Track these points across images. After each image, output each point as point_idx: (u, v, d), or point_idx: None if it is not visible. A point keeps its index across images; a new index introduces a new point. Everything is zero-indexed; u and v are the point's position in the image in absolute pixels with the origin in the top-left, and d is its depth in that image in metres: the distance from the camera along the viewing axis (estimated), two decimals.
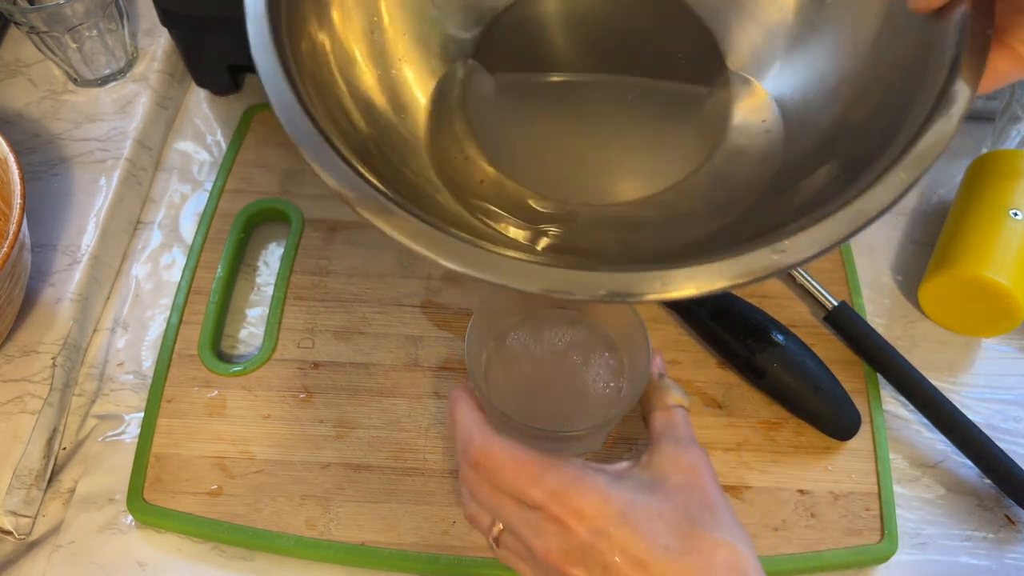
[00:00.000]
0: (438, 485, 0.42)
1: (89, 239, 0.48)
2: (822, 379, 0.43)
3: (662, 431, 0.34)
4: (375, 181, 0.28)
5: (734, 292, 0.34)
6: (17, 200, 0.40)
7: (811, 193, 0.31)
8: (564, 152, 0.37)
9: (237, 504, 0.41)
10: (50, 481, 0.42)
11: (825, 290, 0.47)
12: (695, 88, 0.38)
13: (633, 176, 0.36)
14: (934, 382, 0.44)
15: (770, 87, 0.37)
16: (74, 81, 0.55)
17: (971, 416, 0.43)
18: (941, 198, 0.54)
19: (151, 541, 0.41)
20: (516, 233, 0.34)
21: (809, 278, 0.47)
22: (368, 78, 0.36)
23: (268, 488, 0.41)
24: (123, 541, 0.41)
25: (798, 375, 0.43)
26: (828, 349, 0.46)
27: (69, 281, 0.46)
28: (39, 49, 0.53)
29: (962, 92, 0.27)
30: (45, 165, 0.51)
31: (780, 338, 0.44)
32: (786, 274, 0.49)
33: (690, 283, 0.25)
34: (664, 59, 0.38)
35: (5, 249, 0.38)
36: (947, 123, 0.27)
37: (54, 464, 0.43)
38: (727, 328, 0.45)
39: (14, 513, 0.40)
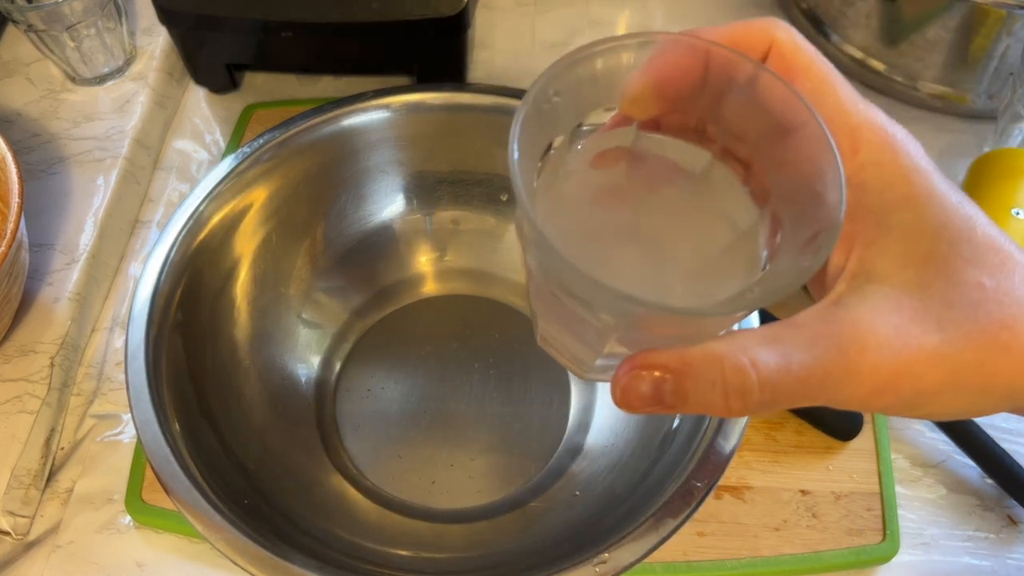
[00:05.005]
0: None
1: (87, 238, 0.47)
2: None
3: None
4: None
5: None
6: (15, 199, 0.40)
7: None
8: (425, 461, 0.42)
9: None
10: (48, 481, 0.42)
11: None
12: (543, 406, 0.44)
13: (483, 481, 0.42)
14: None
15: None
16: (72, 80, 0.55)
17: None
18: None
19: (150, 541, 0.40)
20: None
21: None
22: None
23: None
24: (122, 541, 0.40)
25: None
26: None
27: (67, 280, 0.46)
28: (37, 48, 0.53)
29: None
30: (43, 164, 0.51)
31: None
32: None
33: None
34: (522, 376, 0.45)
35: (3, 248, 0.38)
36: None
37: (52, 464, 0.43)
38: None
39: (12, 513, 0.40)
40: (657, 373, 0.20)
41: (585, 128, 0.23)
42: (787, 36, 0.21)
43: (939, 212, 0.20)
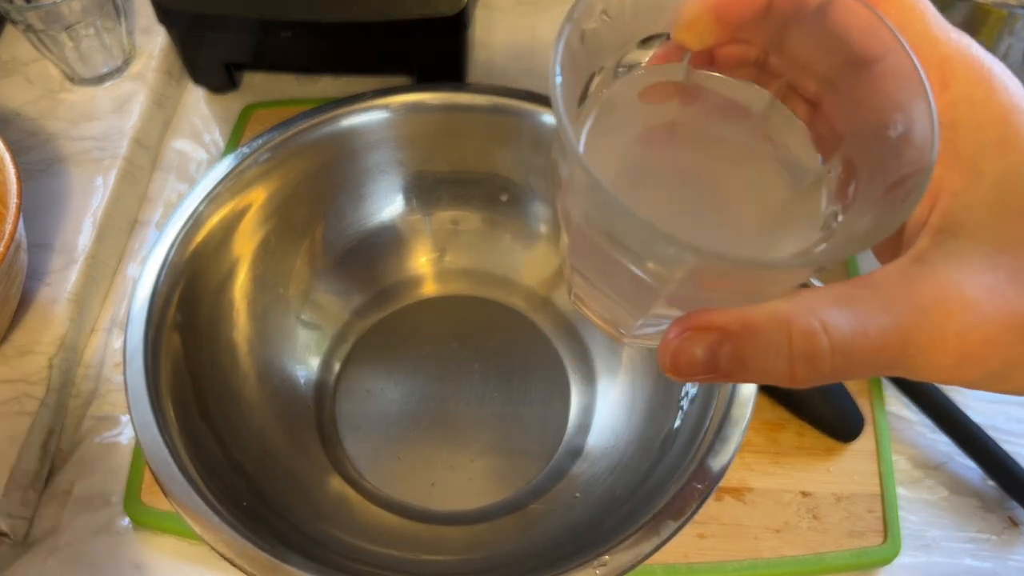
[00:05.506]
0: None
1: (86, 239, 0.47)
2: None
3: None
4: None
5: None
6: (13, 200, 0.39)
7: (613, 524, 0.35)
8: (424, 462, 0.42)
9: None
10: (47, 483, 0.42)
11: None
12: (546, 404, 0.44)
13: (483, 482, 0.42)
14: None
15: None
16: (71, 80, 0.54)
17: (974, 417, 0.43)
18: None
19: (148, 543, 0.40)
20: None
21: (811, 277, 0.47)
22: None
23: None
24: (120, 543, 0.40)
25: None
26: None
27: (66, 281, 0.46)
28: (36, 47, 0.52)
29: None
30: (42, 164, 0.50)
31: None
32: None
33: None
34: (522, 376, 0.45)
35: (1, 249, 0.38)
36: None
37: (51, 466, 0.42)
38: None
39: (10, 515, 0.39)
40: (713, 336, 0.17)
41: (625, 69, 0.21)
42: None
43: None
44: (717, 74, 0.21)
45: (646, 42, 0.20)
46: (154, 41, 0.57)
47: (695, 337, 0.18)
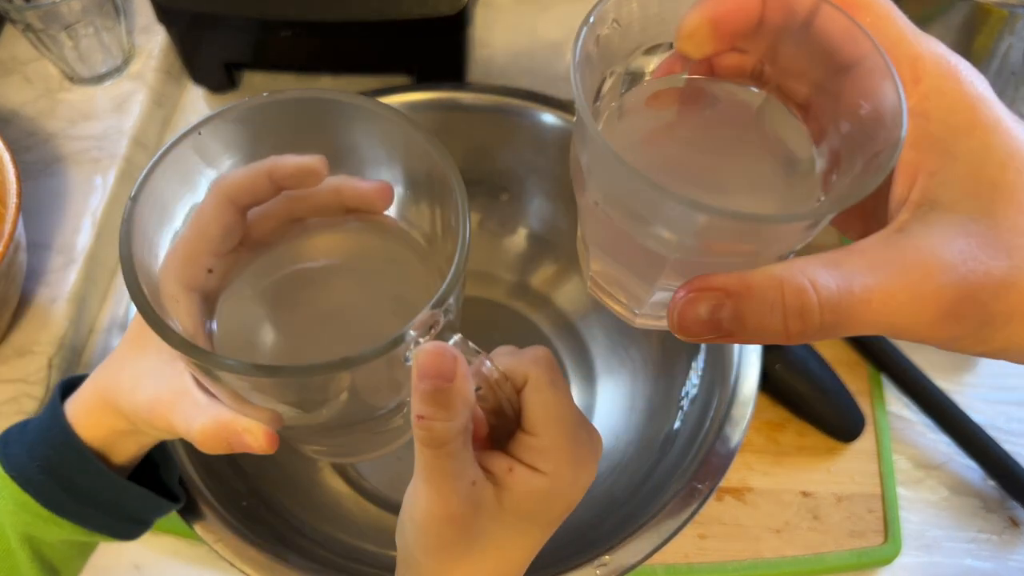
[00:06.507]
0: None
1: (85, 238, 0.47)
2: (825, 380, 0.43)
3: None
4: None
5: None
6: (13, 200, 0.39)
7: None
8: None
9: None
10: None
11: None
12: None
13: None
14: (938, 383, 0.44)
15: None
16: (70, 79, 0.54)
17: (975, 417, 0.43)
18: None
19: (147, 543, 0.40)
20: None
21: None
22: None
23: None
24: (119, 544, 0.40)
25: (801, 376, 0.43)
26: (832, 350, 0.46)
27: (65, 281, 0.45)
28: (35, 47, 0.52)
29: None
30: (41, 164, 0.50)
31: None
32: None
33: None
34: None
35: (0, 248, 0.38)
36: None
37: None
38: None
39: None
40: (715, 295, 0.19)
41: (634, 70, 0.23)
42: None
43: (1006, 140, 0.19)
44: (715, 79, 0.24)
45: (652, 50, 0.23)
46: (154, 41, 0.57)
47: (699, 297, 0.19)
